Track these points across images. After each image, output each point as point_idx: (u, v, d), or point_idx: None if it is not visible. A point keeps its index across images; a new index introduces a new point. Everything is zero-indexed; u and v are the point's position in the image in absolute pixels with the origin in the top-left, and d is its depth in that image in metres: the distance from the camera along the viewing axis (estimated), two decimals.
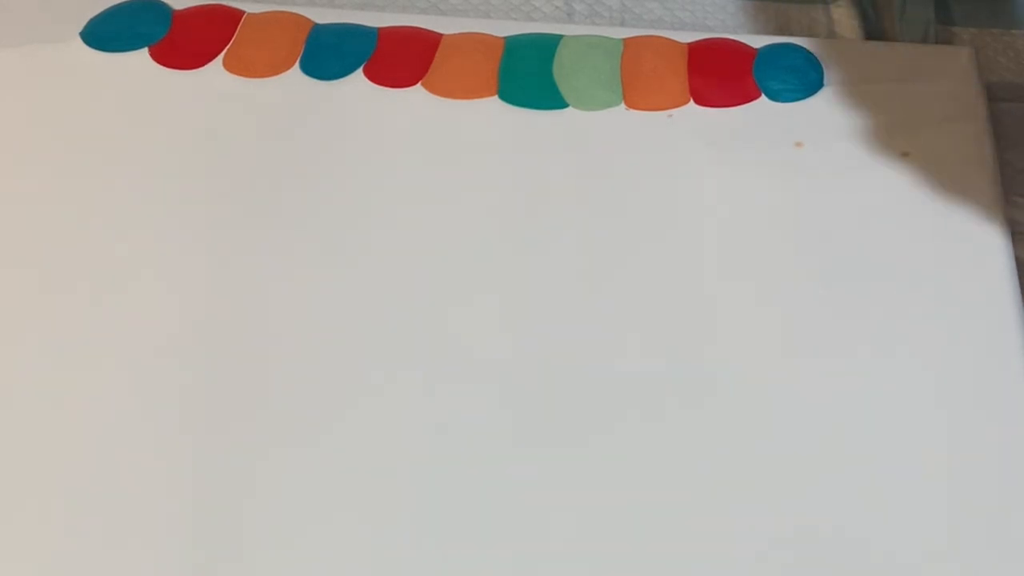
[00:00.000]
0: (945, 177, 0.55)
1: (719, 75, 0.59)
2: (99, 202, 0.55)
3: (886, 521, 0.46)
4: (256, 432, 0.48)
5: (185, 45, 0.60)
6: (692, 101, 0.58)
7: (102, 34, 0.61)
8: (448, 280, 0.52)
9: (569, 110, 0.58)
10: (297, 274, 0.53)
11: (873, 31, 0.63)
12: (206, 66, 0.59)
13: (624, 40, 0.61)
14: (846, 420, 0.48)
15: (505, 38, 0.61)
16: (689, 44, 0.60)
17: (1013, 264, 0.52)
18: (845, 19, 0.63)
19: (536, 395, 0.49)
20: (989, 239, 0.53)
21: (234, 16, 0.62)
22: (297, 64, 0.60)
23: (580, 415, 0.48)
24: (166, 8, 0.62)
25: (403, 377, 0.50)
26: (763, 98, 0.58)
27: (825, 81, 0.59)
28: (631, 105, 0.58)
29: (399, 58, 0.60)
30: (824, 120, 0.57)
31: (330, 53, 0.60)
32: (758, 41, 0.61)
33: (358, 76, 0.59)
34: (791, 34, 0.62)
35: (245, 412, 0.49)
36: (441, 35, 0.61)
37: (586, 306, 0.52)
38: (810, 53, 0.60)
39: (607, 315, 0.51)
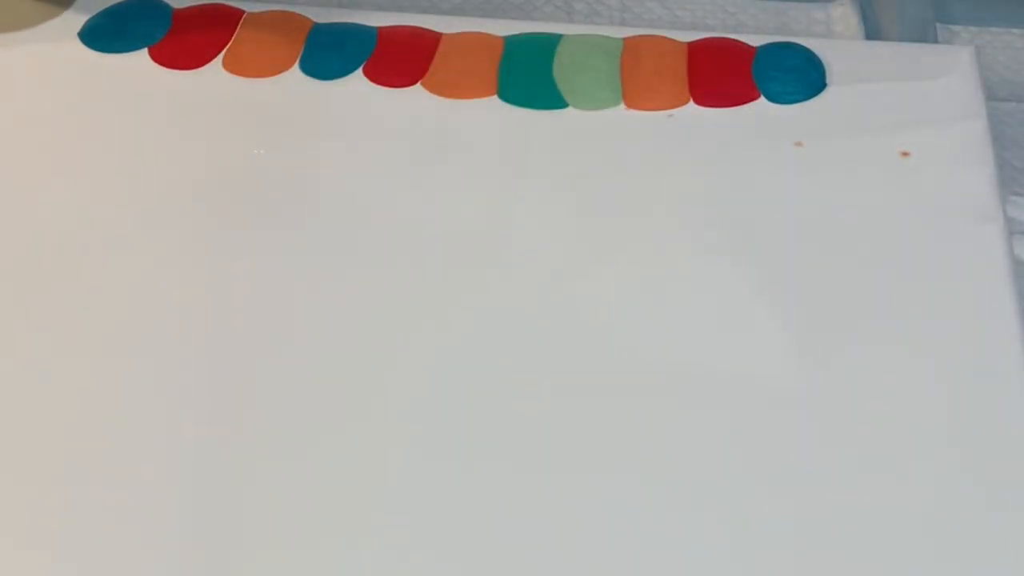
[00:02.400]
0: (945, 177, 0.55)
1: (719, 75, 0.59)
2: (99, 202, 0.55)
3: (885, 518, 0.46)
4: (252, 426, 0.48)
5: (185, 45, 0.60)
6: (692, 101, 0.58)
7: (102, 34, 0.61)
8: (446, 279, 0.52)
9: (569, 110, 0.58)
10: (295, 273, 0.53)
11: (873, 31, 0.63)
12: (206, 66, 0.60)
13: (624, 40, 0.61)
14: (844, 418, 0.48)
15: (505, 38, 0.61)
16: (689, 44, 0.60)
17: (1013, 264, 0.52)
18: (845, 19, 0.63)
19: (537, 394, 0.49)
20: (989, 239, 0.53)
21: (234, 15, 0.62)
22: (297, 64, 0.60)
23: (579, 413, 0.48)
24: (166, 7, 0.62)
25: (401, 374, 0.49)
26: (763, 98, 0.58)
27: (825, 81, 0.59)
28: (631, 105, 0.58)
29: (399, 58, 0.60)
30: (824, 120, 0.57)
31: (330, 53, 0.60)
32: (758, 41, 0.61)
33: (358, 76, 0.59)
34: (791, 34, 0.62)
35: (240, 409, 0.48)
36: (441, 35, 0.61)
37: (585, 305, 0.52)
38: (810, 52, 0.60)
39: (607, 314, 0.51)
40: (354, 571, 0.45)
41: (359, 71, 0.59)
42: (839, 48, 0.60)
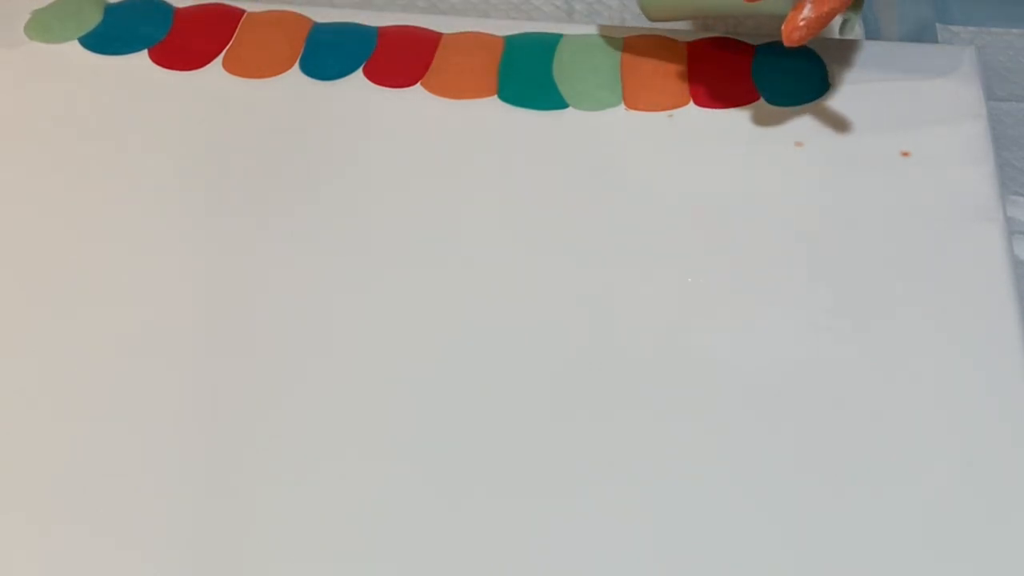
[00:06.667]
0: (945, 177, 0.55)
1: (719, 75, 0.59)
2: (99, 202, 0.55)
3: (884, 517, 0.46)
4: (252, 426, 0.48)
5: (185, 45, 0.60)
6: (692, 101, 0.58)
7: (102, 36, 0.61)
8: (447, 278, 0.52)
9: (569, 110, 0.58)
10: (295, 272, 0.53)
11: (873, 31, 0.63)
12: (206, 66, 0.60)
13: (624, 40, 0.61)
14: (845, 418, 0.48)
15: (505, 38, 0.61)
16: (689, 43, 0.60)
17: (1013, 264, 0.52)
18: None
19: (539, 391, 0.49)
20: (989, 239, 0.53)
21: (234, 15, 0.62)
22: (297, 64, 0.60)
23: (578, 410, 0.49)
24: (167, 8, 0.62)
25: (400, 372, 0.50)
26: (763, 99, 0.58)
27: (826, 81, 0.59)
28: (631, 105, 0.58)
29: (399, 58, 0.60)
30: (824, 120, 0.57)
31: (330, 53, 0.60)
32: (758, 40, 0.61)
33: (358, 76, 0.59)
34: None
35: (239, 409, 0.49)
36: (441, 35, 0.61)
37: (586, 305, 0.52)
38: (811, 52, 0.60)
39: (607, 313, 0.51)
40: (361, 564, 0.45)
41: (359, 71, 0.59)
42: (839, 48, 0.60)
